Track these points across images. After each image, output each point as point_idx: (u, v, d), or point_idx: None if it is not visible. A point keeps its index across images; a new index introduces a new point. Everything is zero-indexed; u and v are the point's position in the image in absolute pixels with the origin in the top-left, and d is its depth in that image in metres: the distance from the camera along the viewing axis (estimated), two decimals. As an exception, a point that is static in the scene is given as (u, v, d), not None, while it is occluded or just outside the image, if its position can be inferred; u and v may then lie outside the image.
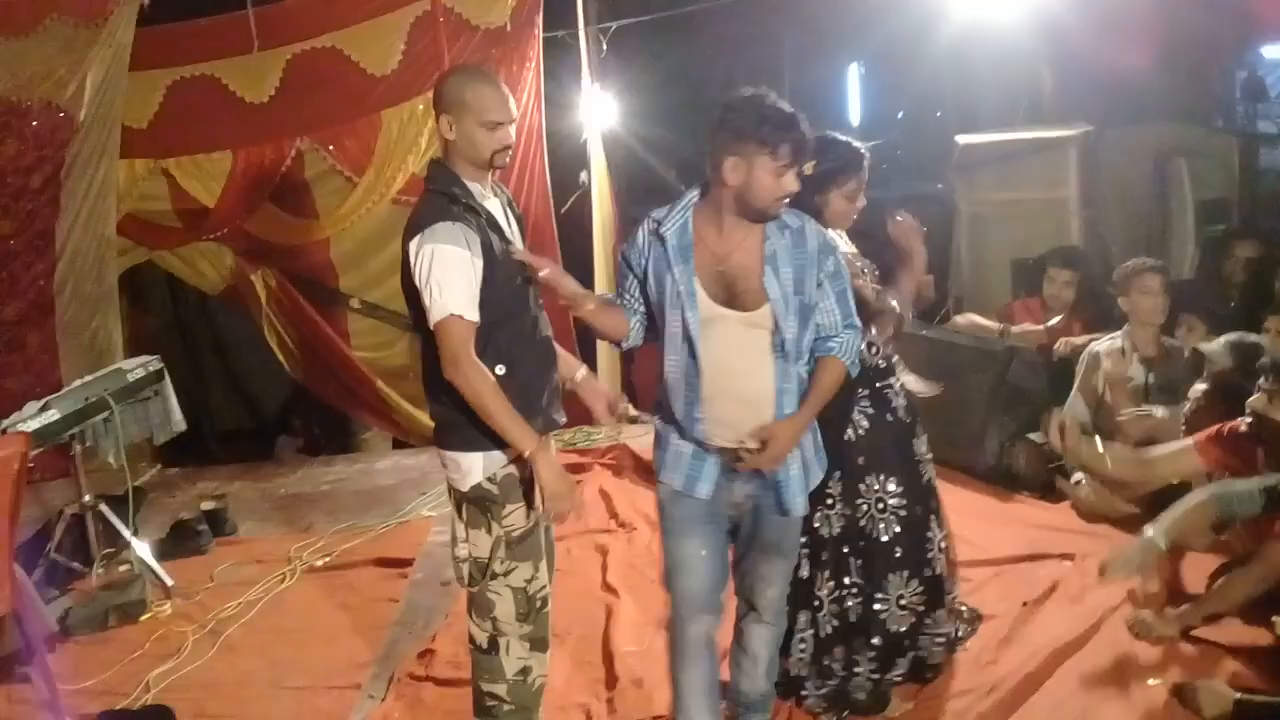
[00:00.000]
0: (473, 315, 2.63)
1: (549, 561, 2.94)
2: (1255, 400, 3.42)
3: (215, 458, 7.60)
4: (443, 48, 6.06)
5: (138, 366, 4.88)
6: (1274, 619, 3.19)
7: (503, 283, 2.70)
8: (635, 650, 3.72)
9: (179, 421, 5.04)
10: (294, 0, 6.19)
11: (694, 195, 2.71)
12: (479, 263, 2.64)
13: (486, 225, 2.70)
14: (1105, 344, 4.69)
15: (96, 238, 5.73)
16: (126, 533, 4.69)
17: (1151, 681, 3.18)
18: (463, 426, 2.70)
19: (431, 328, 2.63)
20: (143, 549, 4.70)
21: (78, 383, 4.69)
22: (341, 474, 6.13)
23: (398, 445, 7.00)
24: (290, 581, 4.66)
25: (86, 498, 4.68)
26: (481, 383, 2.62)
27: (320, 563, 4.83)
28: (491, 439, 2.69)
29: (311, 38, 6.11)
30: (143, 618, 4.40)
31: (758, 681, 2.99)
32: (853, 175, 3.09)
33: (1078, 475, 4.54)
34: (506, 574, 2.79)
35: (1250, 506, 3.29)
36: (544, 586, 2.86)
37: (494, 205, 2.80)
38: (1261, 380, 3.44)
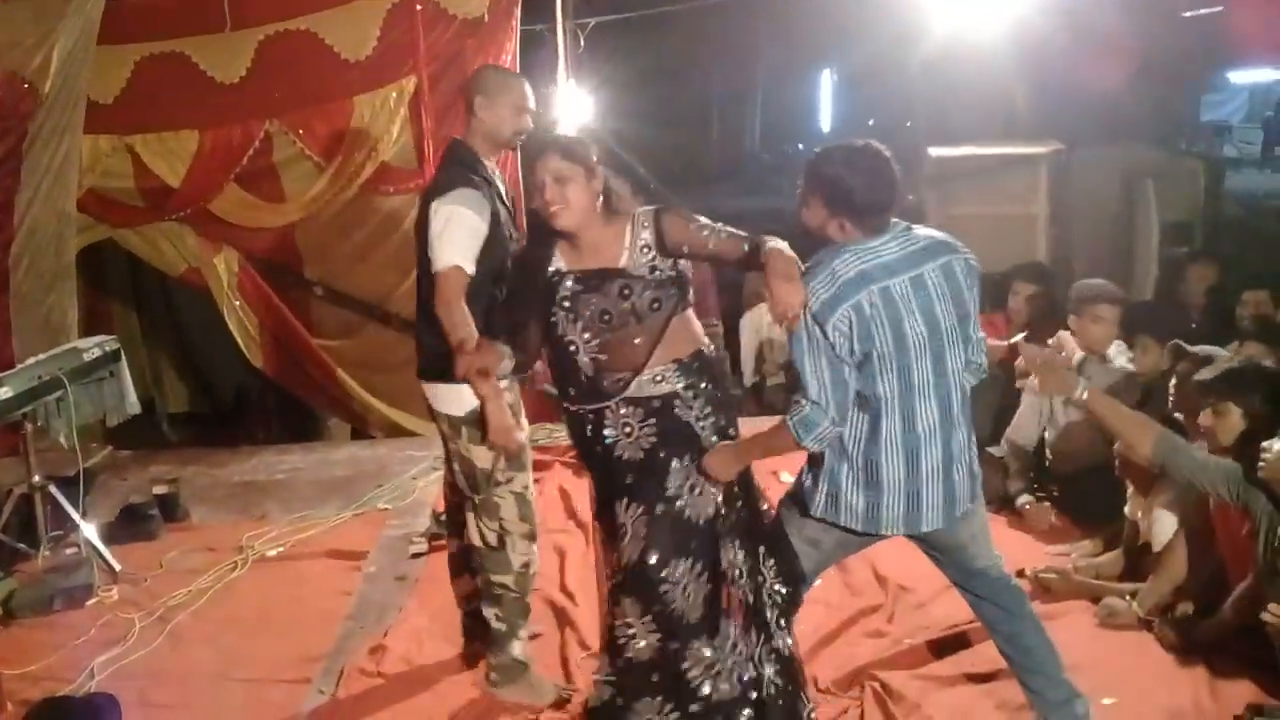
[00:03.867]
0: (470, 269, 3.12)
1: None
2: (1203, 417, 3.48)
3: (167, 440, 7.50)
4: (419, 35, 6.01)
5: (94, 346, 4.81)
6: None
7: (499, 247, 3.19)
8: (594, 652, 3.70)
9: (133, 404, 4.97)
10: (269, -20, 6.11)
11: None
12: (483, 228, 3.14)
13: (495, 196, 3.21)
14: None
15: (56, 213, 5.61)
16: (75, 515, 4.59)
17: (1106, 701, 3.21)
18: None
19: (434, 273, 3.12)
20: (91, 532, 4.61)
21: (31, 360, 4.60)
22: (298, 463, 6.05)
23: (355, 436, 6.95)
24: (241, 570, 4.58)
25: (36, 478, 4.60)
26: (461, 317, 3.08)
27: (273, 552, 4.75)
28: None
29: (285, 19, 6.02)
30: (89, 602, 4.31)
31: None
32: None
33: (1023, 498, 4.61)
34: (508, 481, 3.31)
35: (1192, 474, 3.19)
36: (529, 488, 3.40)
37: (498, 182, 3.32)
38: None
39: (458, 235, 3.11)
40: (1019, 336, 5.13)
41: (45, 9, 5.39)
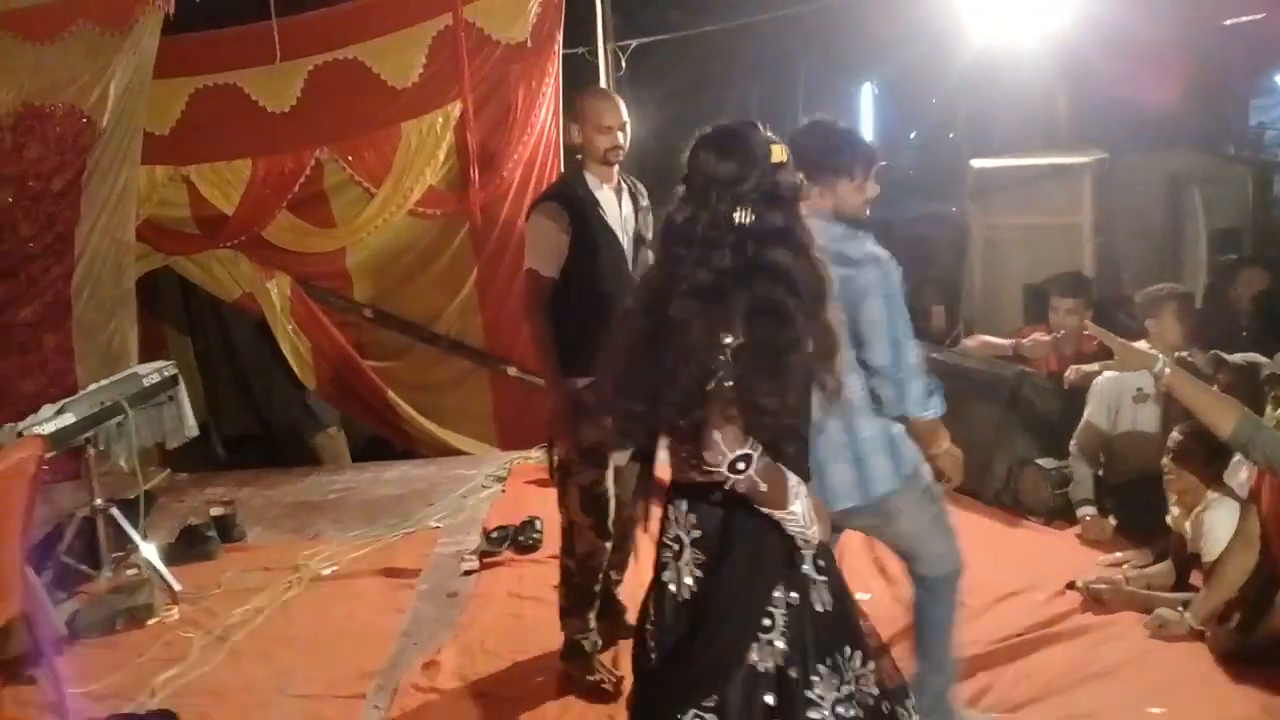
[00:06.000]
0: (547, 272, 3.44)
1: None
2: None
3: (222, 463, 7.63)
4: (464, 62, 6.12)
5: (153, 371, 4.92)
6: None
7: (587, 255, 3.44)
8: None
9: (192, 427, 5.08)
10: (317, 12, 6.27)
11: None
12: (563, 236, 3.41)
13: (586, 207, 3.45)
14: (1110, 373, 4.69)
15: (115, 242, 5.77)
16: (136, 536, 4.69)
17: (1154, 710, 3.20)
18: None
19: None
20: (151, 553, 4.71)
21: (93, 386, 4.71)
22: (350, 483, 6.15)
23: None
24: (297, 589, 4.66)
25: (97, 501, 4.69)
26: (536, 327, 3.48)
27: (327, 571, 4.83)
28: (564, 366, 3.42)
29: (334, 49, 6.19)
30: (150, 622, 4.39)
31: None
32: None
33: (1085, 509, 4.57)
34: (577, 474, 3.52)
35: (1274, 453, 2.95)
36: (606, 491, 3.55)
37: (607, 195, 3.53)
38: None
39: (534, 242, 3.49)
40: (1061, 331, 5.11)
41: (102, 45, 5.56)
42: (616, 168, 3.58)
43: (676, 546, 2.25)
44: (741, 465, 2.06)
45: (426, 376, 6.72)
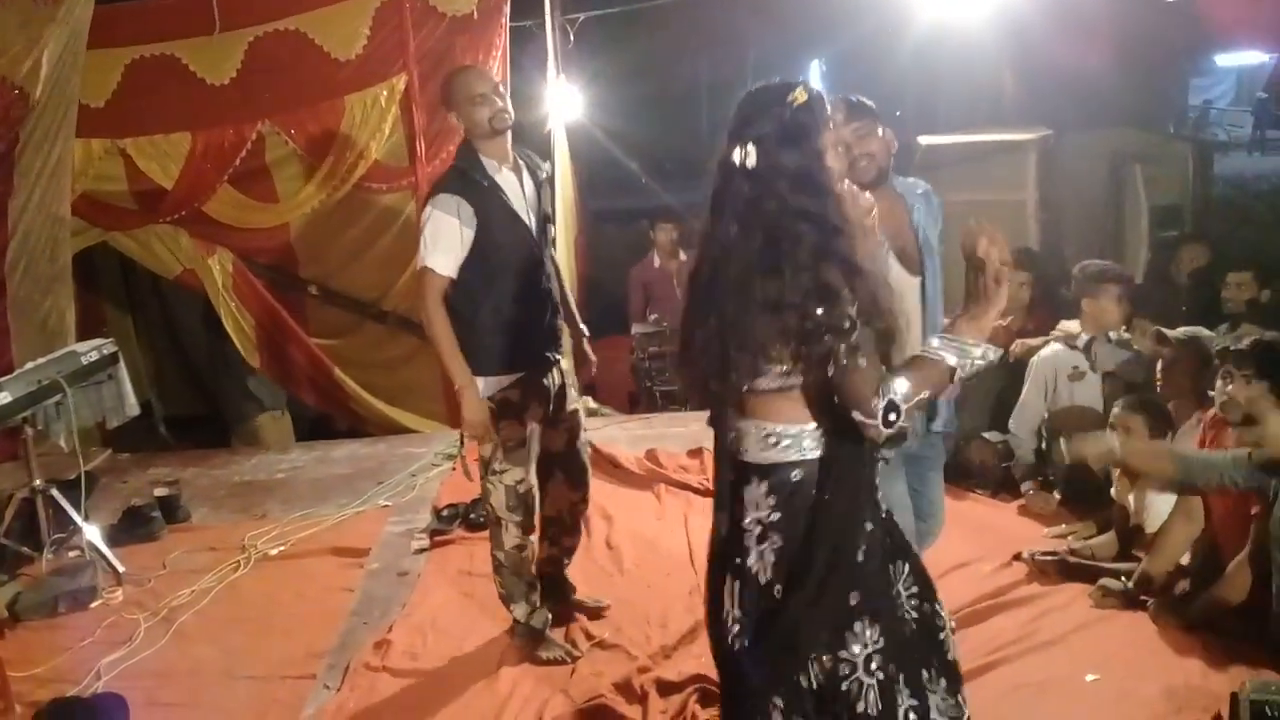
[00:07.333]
0: (444, 271, 3.30)
1: (576, 476, 3.75)
2: (1235, 390, 3.48)
3: (165, 442, 7.51)
4: (408, 33, 6.04)
5: (91, 349, 4.81)
6: None
7: (497, 246, 3.32)
8: (599, 640, 3.75)
9: (133, 405, 4.98)
10: (257, -19, 6.13)
11: None
12: (467, 231, 3.28)
13: (488, 196, 3.31)
14: (1051, 347, 4.76)
15: (51, 217, 5.62)
16: (78, 518, 4.61)
17: (1090, 677, 3.26)
18: (469, 353, 3.36)
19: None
20: (94, 534, 4.63)
21: (30, 365, 4.60)
22: (297, 462, 6.08)
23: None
24: (244, 569, 4.61)
25: (37, 482, 4.60)
26: (437, 325, 3.33)
27: (275, 551, 4.78)
28: (486, 367, 3.37)
29: (275, 20, 6.05)
30: (94, 604, 4.33)
31: None
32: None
33: (1028, 484, 4.64)
34: (501, 473, 3.49)
35: (1208, 476, 3.26)
36: (531, 488, 3.55)
37: (507, 177, 3.38)
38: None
39: (431, 238, 3.30)
40: (1008, 318, 5.19)
41: (34, 14, 5.38)
42: (509, 141, 3.42)
43: (757, 530, 2.20)
44: (893, 416, 2.01)
45: (374, 354, 6.65)
